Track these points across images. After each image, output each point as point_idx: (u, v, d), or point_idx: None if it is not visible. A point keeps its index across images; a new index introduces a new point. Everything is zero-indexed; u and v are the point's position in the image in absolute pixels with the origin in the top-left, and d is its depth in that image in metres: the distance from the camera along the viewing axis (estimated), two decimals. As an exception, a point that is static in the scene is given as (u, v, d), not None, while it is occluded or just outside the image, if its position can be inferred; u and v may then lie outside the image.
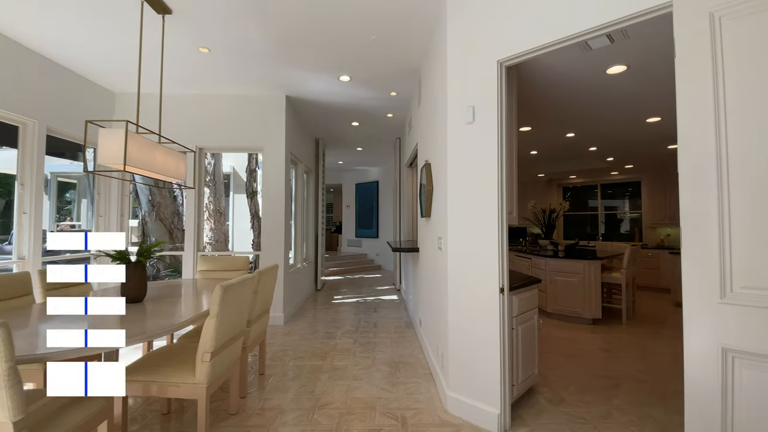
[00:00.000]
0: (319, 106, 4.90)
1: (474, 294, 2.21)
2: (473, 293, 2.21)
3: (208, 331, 1.91)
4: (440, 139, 2.64)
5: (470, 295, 2.23)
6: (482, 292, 2.17)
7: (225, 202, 8.56)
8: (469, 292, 2.24)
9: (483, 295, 2.16)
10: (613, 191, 8.52)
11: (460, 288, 2.29)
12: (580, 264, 4.57)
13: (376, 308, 5.23)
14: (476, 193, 2.21)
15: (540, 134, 4.52)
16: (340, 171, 10.43)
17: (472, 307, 2.22)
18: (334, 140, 6.84)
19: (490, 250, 2.14)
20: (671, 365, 3.14)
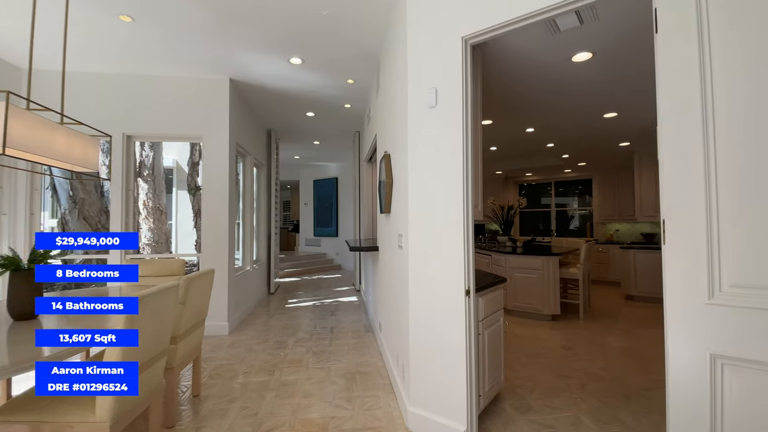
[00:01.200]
0: (269, 92, 4.48)
1: (437, 297, 1.98)
2: (436, 296, 1.98)
3: (112, 355, 1.52)
4: (400, 126, 2.39)
5: (433, 298, 2.00)
6: (446, 295, 1.94)
7: (167, 199, 7.81)
8: (431, 294, 2.01)
9: (447, 298, 1.94)
10: (565, 189, 8.81)
11: (422, 290, 2.05)
12: (539, 260, 4.54)
13: (333, 311, 4.91)
14: (439, 185, 1.98)
15: (501, 128, 4.43)
16: (297, 166, 9.94)
17: (435, 311, 1.99)
18: (288, 132, 6.41)
19: (454, 248, 1.91)
20: (628, 360, 3.13)
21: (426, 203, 2.04)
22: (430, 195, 2.02)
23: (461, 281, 1.89)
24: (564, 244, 6.23)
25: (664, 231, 1.35)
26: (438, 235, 1.97)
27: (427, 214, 2.03)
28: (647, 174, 5.81)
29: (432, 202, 2.01)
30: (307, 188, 10.09)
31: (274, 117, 5.54)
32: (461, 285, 1.89)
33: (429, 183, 2.03)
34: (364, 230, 5.72)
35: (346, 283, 7.21)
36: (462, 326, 1.90)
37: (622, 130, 4.52)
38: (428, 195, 2.03)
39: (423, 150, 2.06)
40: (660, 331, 3.77)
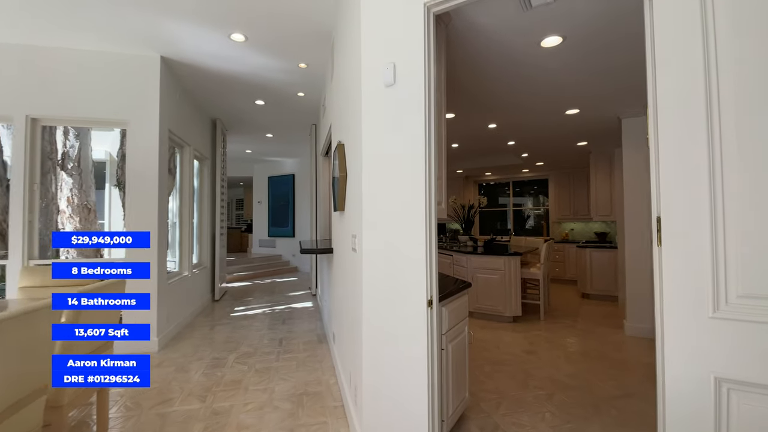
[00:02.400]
0: (210, 75, 3.98)
1: (395, 308, 1.68)
2: (394, 307, 1.68)
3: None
4: (353, 110, 2.07)
5: (390, 309, 1.70)
6: (405, 306, 1.65)
7: (97, 196, 6.93)
8: (388, 305, 1.70)
9: (406, 309, 1.64)
10: (521, 189, 8.93)
11: (377, 300, 1.75)
12: (500, 260, 4.41)
13: (285, 320, 4.49)
14: (398, 179, 1.68)
15: (464, 123, 4.24)
16: (250, 162, 9.29)
17: (393, 325, 1.69)
18: (237, 123, 5.86)
19: (415, 252, 1.62)
20: (592, 365, 3.03)
21: (382, 200, 1.73)
22: (387, 190, 1.72)
23: (423, 290, 1.60)
24: (523, 243, 6.22)
25: (660, 231, 1.14)
26: (396, 236, 1.67)
27: (384, 213, 1.72)
28: (602, 174, 5.92)
29: (389, 198, 1.71)
30: (262, 185, 9.47)
31: (219, 105, 5.00)
32: (423, 294, 1.60)
33: (386, 176, 1.72)
34: (321, 230, 5.33)
35: (302, 287, 6.77)
36: (423, 342, 1.61)
37: (582, 128, 4.51)
38: (385, 190, 1.72)
39: (379, 137, 1.75)
40: (619, 332, 3.74)
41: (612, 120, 4.09)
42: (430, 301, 1.61)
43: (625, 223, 3.90)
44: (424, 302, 1.60)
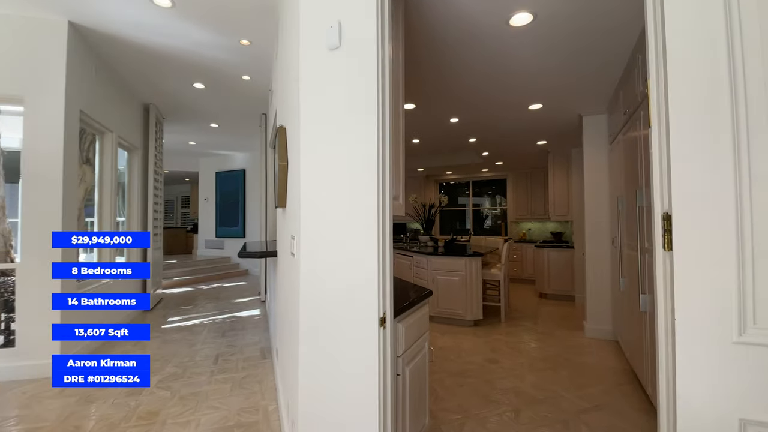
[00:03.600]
0: (137, 50, 3.41)
1: (340, 328, 1.34)
2: (338, 327, 1.34)
3: None
4: (293, 83, 1.70)
5: (333, 330, 1.35)
6: (353, 326, 1.32)
7: (8, 191, 5.94)
8: (331, 325, 1.36)
9: (354, 330, 1.31)
10: (480, 189, 8.94)
11: (318, 318, 1.40)
12: (461, 261, 4.21)
13: (226, 331, 3.99)
14: (345, 167, 1.34)
15: (425, 116, 3.99)
16: (195, 155, 8.52)
17: (337, 350, 1.35)
18: (175, 110, 5.23)
19: (365, 257, 1.30)
20: (557, 373, 2.87)
21: (324, 193, 1.38)
22: (330, 181, 1.37)
23: (374, 305, 1.28)
24: (483, 243, 6.12)
25: (670, 231, 0.90)
26: (341, 237, 1.33)
27: (326, 209, 1.37)
28: (560, 174, 5.95)
29: (333, 191, 1.36)
30: (209, 181, 8.73)
31: (152, 87, 4.39)
32: (374, 311, 1.28)
33: (329, 164, 1.38)
34: (272, 230, 4.86)
35: (251, 292, 6.22)
36: (374, 370, 1.28)
37: (543, 126, 4.43)
38: (328, 181, 1.38)
39: (321, 114, 1.40)
40: (579, 334, 3.64)
41: (573, 118, 4.03)
42: (382, 319, 1.29)
43: (585, 222, 3.84)
44: (375, 321, 1.28)
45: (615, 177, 3.28)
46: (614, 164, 3.35)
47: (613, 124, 3.42)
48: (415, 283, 4.77)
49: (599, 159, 3.76)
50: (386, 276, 1.31)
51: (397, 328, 1.47)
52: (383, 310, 1.30)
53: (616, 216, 3.18)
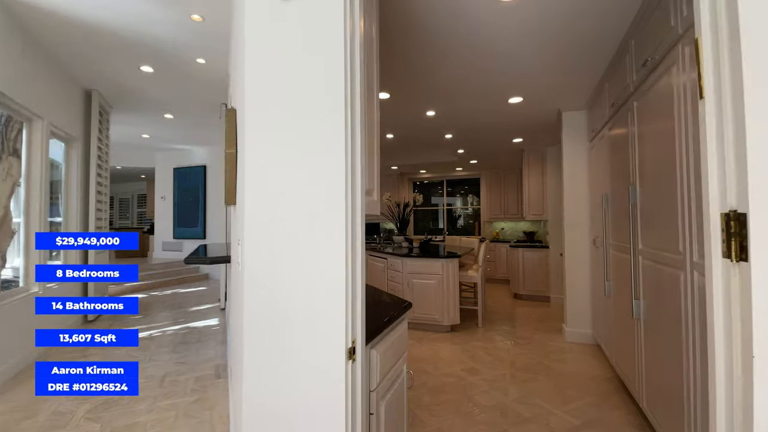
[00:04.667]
0: (70, 22, 2.92)
1: (293, 363, 1.03)
2: (292, 361, 1.03)
3: None
4: (239, 45, 1.37)
5: (286, 364, 1.04)
6: (311, 359, 1.01)
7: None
8: (283, 358, 1.04)
9: (312, 364, 1.01)
10: (452, 189, 8.82)
11: (265, 348, 1.07)
12: (438, 264, 3.98)
13: (178, 345, 3.55)
14: (302, 150, 1.03)
15: (400, 107, 3.72)
16: (151, 150, 7.85)
17: (292, 389, 1.03)
18: (122, 97, 4.68)
19: (328, 269, 0.99)
20: (541, 384, 2.69)
21: (276, 186, 1.06)
22: (284, 171, 1.05)
23: (340, 332, 0.98)
24: (458, 243, 5.94)
25: (742, 235, 0.66)
26: (297, 244, 1.02)
27: (278, 207, 1.06)
28: (535, 173, 5.87)
29: (288, 183, 1.05)
30: (166, 178, 8.07)
31: (93, 70, 3.86)
32: (339, 339, 0.98)
33: (283, 148, 1.06)
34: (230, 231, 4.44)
35: (210, 298, 5.73)
36: (340, 416, 0.99)
37: (521, 122, 4.28)
38: (281, 171, 1.06)
39: (271, 84, 1.09)
40: (558, 338, 3.48)
41: (552, 114, 3.89)
42: (351, 350, 1.00)
43: (564, 222, 3.70)
44: (341, 352, 0.98)
45: (598, 174, 3.15)
46: (596, 161, 3.21)
47: (594, 120, 3.29)
48: (389, 287, 4.52)
49: (579, 156, 3.63)
50: (357, 292, 1.02)
51: (370, 356, 1.18)
52: (352, 336, 1.00)
53: (600, 215, 3.04)
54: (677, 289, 1.60)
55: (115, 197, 11.80)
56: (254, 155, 1.09)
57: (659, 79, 1.78)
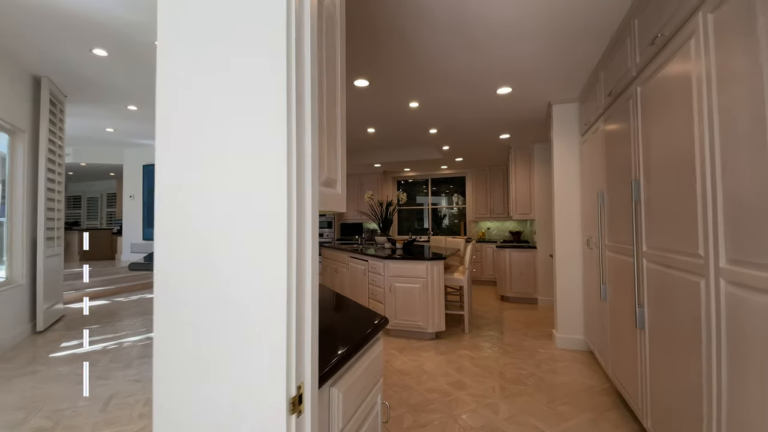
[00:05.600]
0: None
1: (216, 415, 0.74)
2: (213, 413, 0.74)
3: None
4: None
5: (205, 415, 0.75)
6: (239, 412, 0.73)
7: None
8: (198, 410, 0.76)
9: (241, 421, 0.72)
10: (437, 188, 8.60)
11: (177, 393, 0.79)
12: (422, 266, 3.73)
13: (135, 359, 3.19)
14: (224, 125, 0.74)
15: (381, 97, 3.44)
16: (118, 145, 7.35)
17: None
18: (78, 86, 4.26)
19: (262, 288, 0.71)
20: (533, 397, 2.46)
21: (189, 173, 0.77)
22: (200, 152, 0.76)
23: (279, 377, 0.70)
24: (443, 244, 5.72)
25: None
26: (216, 253, 0.74)
27: (192, 202, 0.77)
28: (522, 170, 5.69)
29: (204, 168, 0.76)
30: (135, 176, 7.59)
31: (41, 53, 3.45)
32: (278, 386, 0.70)
33: (197, 122, 0.77)
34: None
35: (179, 303, 5.32)
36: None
37: (509, 116, 4.06)
38: (196, 151, 0.76)
39: (187, 28, 0.79)
40: (549, 344, 3.27)
41: (541, 106, 3.69)
42: (297, 399, 0.71)
43: (554, 221, 3.50)
44: (280, 404, 0.69)
45: (592, 170, 2.95)
46: (589, 156, 3.02)
47: (586, 113, 3.09)
48: (370, 291, 4.25)
49: (570, 151, 3.43)
50: (305, 318, 0.75)
51: (330, 397, 0.91)
52: (298, 381, 0.72)
53: (594, 214, 2.84)
54: (695, 297, 1.38)
55: (83, 196, 11.15)
56: (164, 133, 0.79)
57: (671, 57, 1.56)
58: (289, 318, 0.70)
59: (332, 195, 0.99)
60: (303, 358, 0.74)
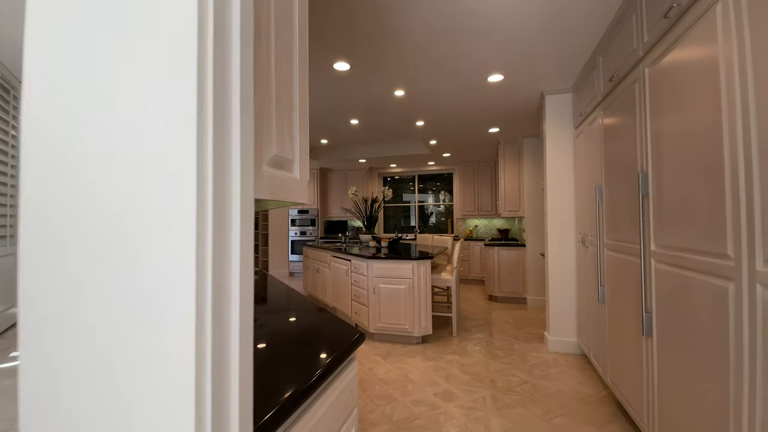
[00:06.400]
0: None
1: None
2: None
3: None
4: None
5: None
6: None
7: None
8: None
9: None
10: (424, 185, 8.41)
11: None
12: (408, 266, 3.51)
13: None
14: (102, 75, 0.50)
15: (364, 83, 3.19)
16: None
17: None
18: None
19: (160, 318, 0.47)
20: (527, 410, 2.27)
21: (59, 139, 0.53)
22: (66, 114, 0.52)
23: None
24: (430, 242, 5.52)
25: None
26: (97, 258, 0.49)
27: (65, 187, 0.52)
28: (511, 166, 5.52)
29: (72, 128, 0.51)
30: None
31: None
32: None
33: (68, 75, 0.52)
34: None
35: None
36: None
37: (499, 107, 3.87)
38: (61, 114, 0.52)
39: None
40: (541, 347, 3.05)
41: (533, 97, 3.50)
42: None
43: (547, 218, 3.33)
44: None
45: (587, 164, 2.77)
46: (585, 149, 2.84)
47: (581, 103, 2.92)
48: (353, 293, 4.01)
49: (563, 145, 3.26)
50: (229, 348, 0.51)
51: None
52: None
53: (591, 210, 2.67)
54: (721, 304, 1.19)
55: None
56: (31, 94, 0.53)
57: (689, 30, 1.37)
58: (200, 371, 0.45)
59: (285, 180, 0.75)
60: (226, 412, 0.50)
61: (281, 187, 0.73)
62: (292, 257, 7.80)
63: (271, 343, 1.01)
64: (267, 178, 0.67)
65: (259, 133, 0.64)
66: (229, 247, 0.51)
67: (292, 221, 7.83)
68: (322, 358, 0.90)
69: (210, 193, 0.48)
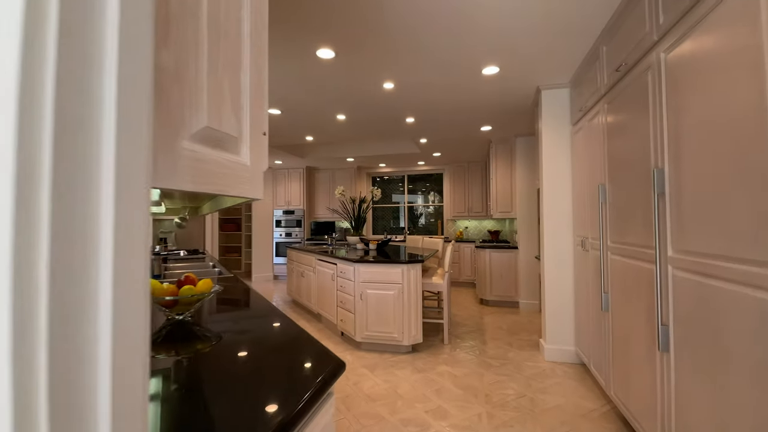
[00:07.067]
0: None
1: None
2: None
3: None
4: None
5: None
6: None
7: None
8: None
9: None
10: (414, 186, 8.23)
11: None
12: (397, 270, 3.31)
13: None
14: None
15: (350, 73, 2.97)
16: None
17: None
18: None
19: None
20: (525, 427, 2.08)
21: None
22: None
23: None
24: (420, 244, 5.33)
25: None
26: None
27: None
28: (503, 165, 5.37)
29: None
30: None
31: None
32: None
33: None
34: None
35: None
36: None
37: (493, 103, 3.70)
38: None
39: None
40: (537, 356, 2.79)
41: (528, 92, 3.34)
42: None
43: (543, 219, 3.16)
44: None
45: (589, 161, 2.61)
46: (584, 147, 2.68)
47: (581, 98, 2.76)
48: (339, 299, 3.77)
49: (560, 142, 3.10)
50: None
51: None
52: None
53: (591, 210, 2.50)
54: (764, 320, 1.02)
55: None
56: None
57: (717, 5, 1.19)
58: None
59: (224, 165, 0.53)
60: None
61: (217, 174, 0.51)
62: (277, 260, 7.51)
63: (211, 382, 0.79)
64: (189, 159, 0.45)
65: (170, 87, 0.43)
66: (94, 263, 0.29)
67: (277, 222, 7.54)
68: (276, 413, 0.68)
69: (46, 180, 0.26)
